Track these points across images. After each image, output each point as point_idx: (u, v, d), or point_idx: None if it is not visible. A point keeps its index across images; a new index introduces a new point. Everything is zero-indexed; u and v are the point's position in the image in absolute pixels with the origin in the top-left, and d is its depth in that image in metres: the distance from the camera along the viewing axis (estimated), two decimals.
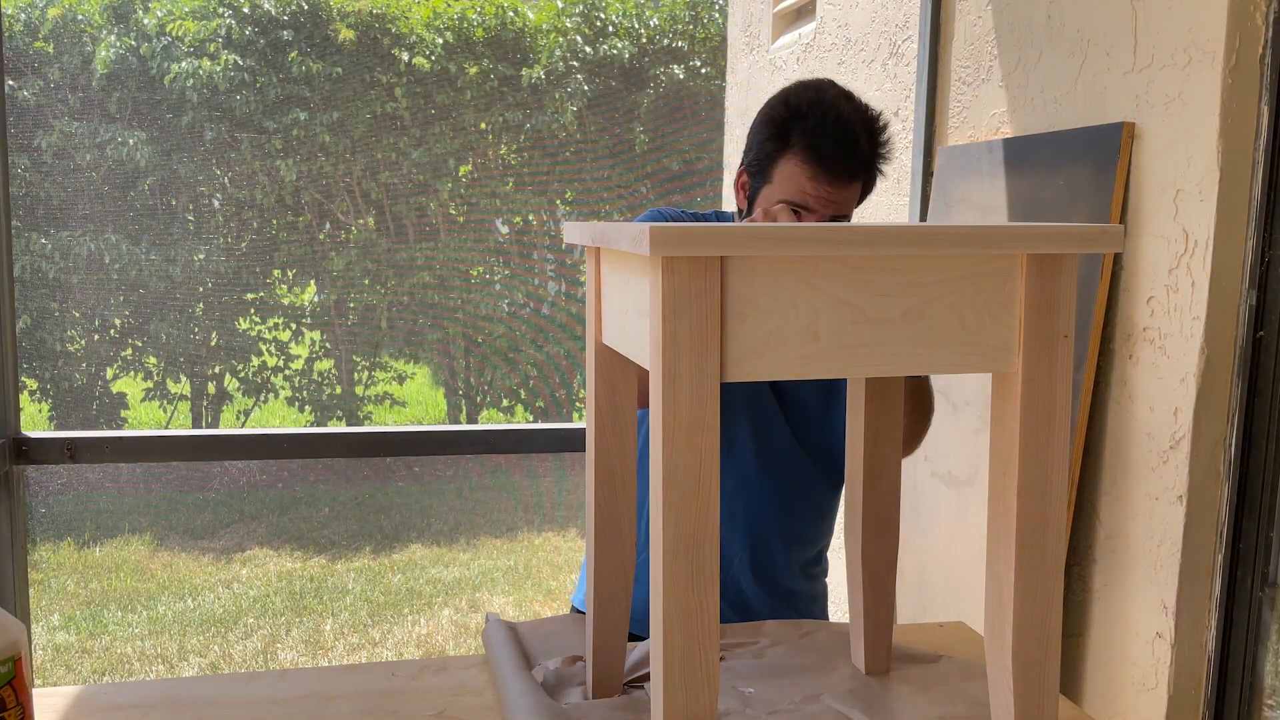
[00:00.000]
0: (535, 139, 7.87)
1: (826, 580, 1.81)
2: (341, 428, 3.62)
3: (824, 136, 1.46)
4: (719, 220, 1.73)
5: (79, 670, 4.96)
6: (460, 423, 8.47)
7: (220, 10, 7.29)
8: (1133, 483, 1.72)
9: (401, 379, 8.49)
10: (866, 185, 1.53)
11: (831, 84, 1.53)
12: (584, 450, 1.17)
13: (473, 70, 7.67)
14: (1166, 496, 1.64)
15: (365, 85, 7.50)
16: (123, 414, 7.85)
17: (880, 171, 1.54)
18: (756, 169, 1.53)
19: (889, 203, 2.79)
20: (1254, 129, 1.55)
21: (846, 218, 1.53)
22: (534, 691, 1.16)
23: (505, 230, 8.29)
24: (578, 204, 8.13)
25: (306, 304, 8.15)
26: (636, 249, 0.86)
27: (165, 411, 8.10)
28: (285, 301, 8.07)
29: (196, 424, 8.05)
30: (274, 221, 7.76)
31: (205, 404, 8.13)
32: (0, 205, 1.92)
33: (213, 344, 7.91)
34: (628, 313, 0.99)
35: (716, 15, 8.10)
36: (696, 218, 1.71)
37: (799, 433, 1.66)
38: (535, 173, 8.02)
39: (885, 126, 1.52)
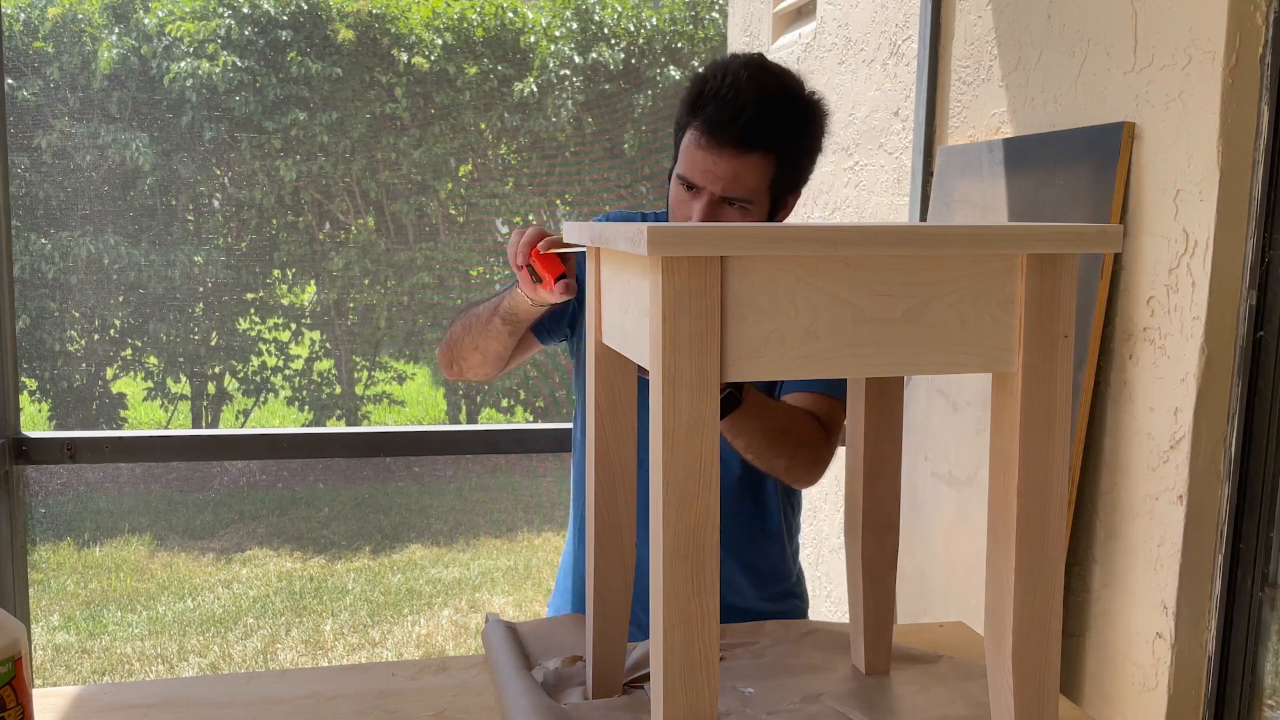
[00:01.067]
0: (534, 140, 7.87)
1: (803, 589, 1.69)
2: (341, 428, 3.62)
3: (715, 103, 1.35)
4: (657, 219, 1.63)
5: (79, 670, 4.96)
6: (460, 423, 8.48)
7: (220, 10, 7.29)
8: (1133, 483, 1.72)
9: (401, 379, 8.49)
10: (770, 164, 1.38)
11: (748, 57, 1.40)
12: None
13: (472, 71, 7.67)
14: (1166, 496, 1.64)
15: (364, 85, 7.50)
16: (122, 414, 7.85)
17: (795, 150, 1.40)
18: (675, 147, 1.44)
19: (889, 203, 2.79)
20: (1254, 129, 1.55)
21: (748, 201, 1.39)
22: (534, 692, 1.16)
23: (505, 230, 8.30)
24: (577, 204, 8.14)
25: (306, 304, 8.16)
26: (635, 249, 0.86)
27: (165, 411, 8.10)
28: (285, 301, 8.07)
29: (196, 424, 8.05)
30: (274, 221, 7.76)
31: (205, 404, 8.13)
32: (0, 205, 1.92)
33: (212, 344, 7.91)
34: (628, 313, 0.99)
35: (716, 15, 8.10)
36: (644, 218, 1.64)
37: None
38: (535, 173, 8.03)
39: (793, 100, 1.39)
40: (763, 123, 1.35)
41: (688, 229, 0.84)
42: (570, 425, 1.77)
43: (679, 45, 8.11)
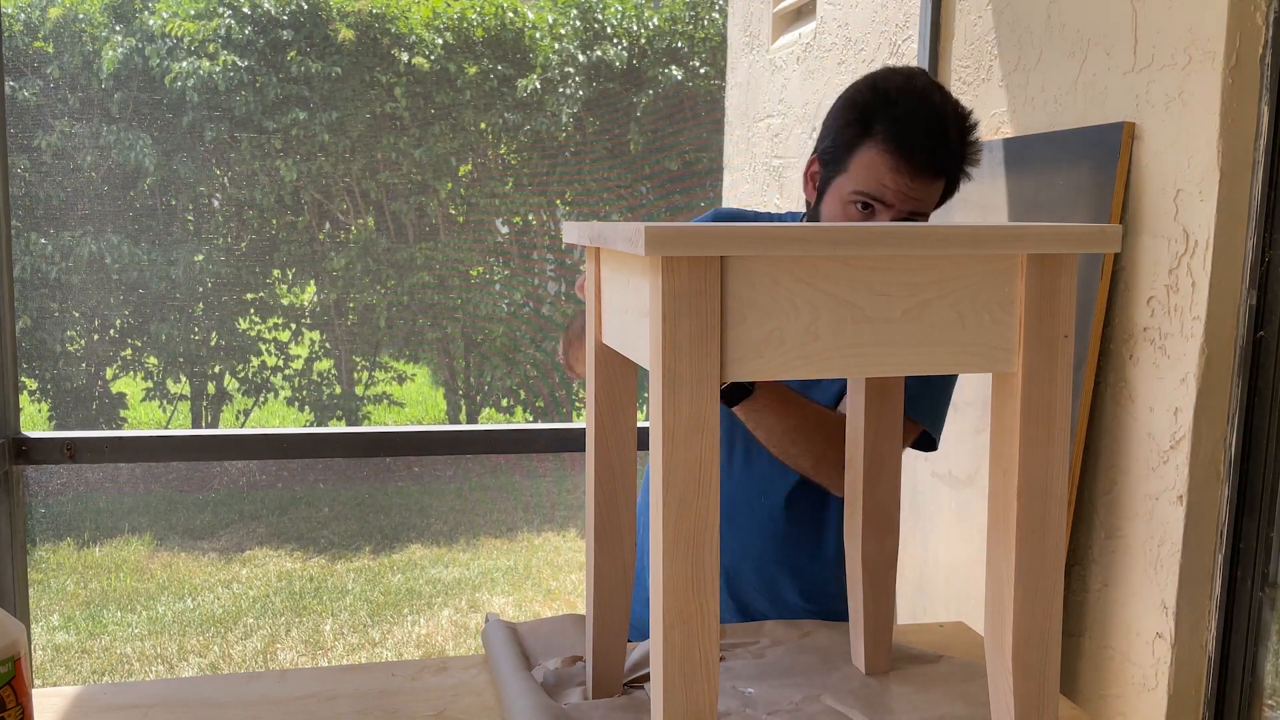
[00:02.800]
0: (535, 139, 7.87)
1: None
2: (341, 428, 3.62)
3: (913, 125, 1.35)
4: (791, 220, 1.61)
5: (79, 670, 4.96)
6: (460, 423, 8.47)
7: (220, 10, 7.29)
8: (1133, 483, 1.72)
9: (401, 379, 8.49)
10: (950, 186, 1.43)
11: (923, 72, 1.43)
12: (584, 450, 1.17)
13: (472, 70, 7.67)
14: (1166, 496, 1.64)
15: (365, 85, 7.50)
16: (122, 414, 7.85)
17: (966, 174, 1.43)
18: (831, 157, 1.41)
19: None
20: (1254, 129, 1.55)
21: (924, 218, 1.42)
22: (534, 692, 1.15)
23: (505, 230, 8.30)
24: (577, 204, 8.14)
25: (306, 304, 8.16)
26: (632, 249, 0.86)
27: (165, 411, 8.10)
28: (285, 301, 8.07)
29: (196, 424, 8.05)
30: (274, 221, 7.76)
31: (205, 404, 8.13)
32: (0, 205, 1.92)
33: (212, 344, 7.91)
34: (628, 313, 0.99)
35: (716, 15, 8.10)
36: (758, 217, 1.61)
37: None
38: (535, 173, 8.02)
39: (975, 125, 1.42)
40: (960, 151, 1.39)
41: (686, 228, 0.84)
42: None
43: (679, 45, 8.11)
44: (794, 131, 3.66)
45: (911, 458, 2.42)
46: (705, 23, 8.16)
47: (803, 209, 1.59)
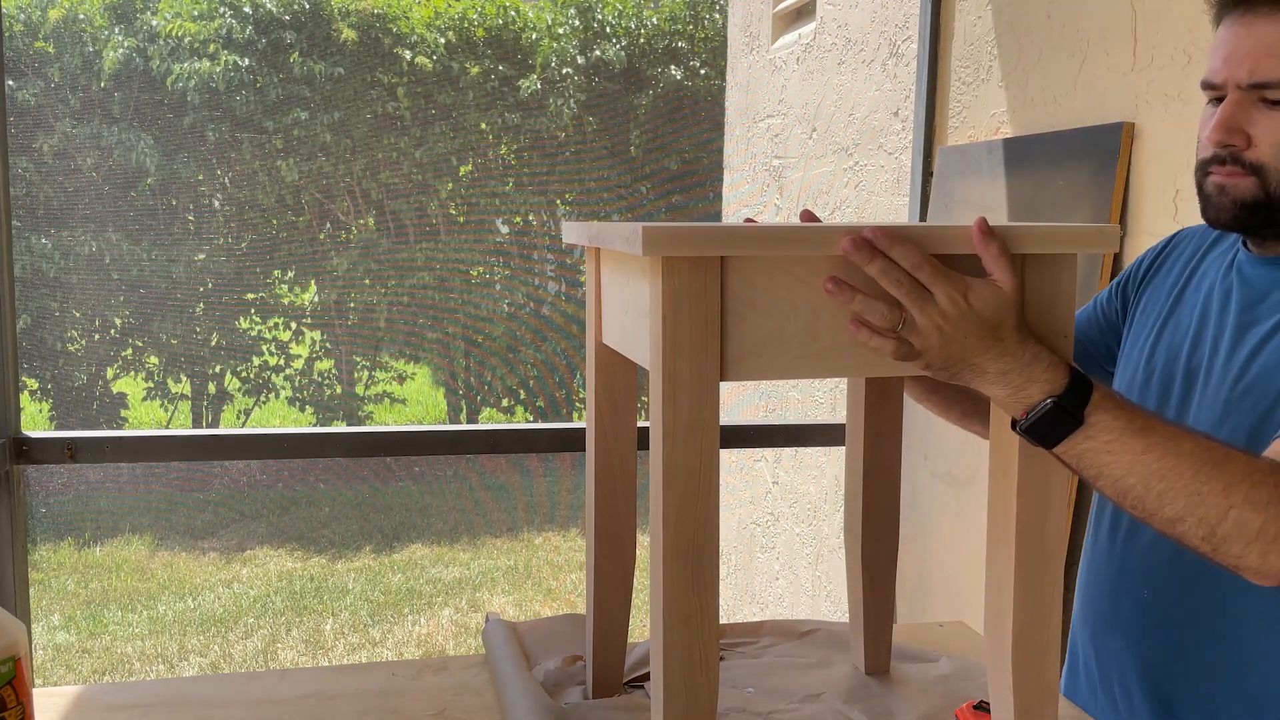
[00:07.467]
0: (535, 139, 7.88)
1: None
2: (342, 428, 3.62)
3: None
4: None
5: (79, 670, 4.96)
6: (460, 423, 8.48)
7: (221, 10, 7.29)
8: None
9: (402, 379, 8.49)
10: None
11: None
12: (584, 450, 1.17)
13: (474, 70, 7.67)
14: None
15: (366, 85, 7.50)
16: (123, 414, 7.85)
17: None
18: None
19: (889, 203, 2.79)
20: None
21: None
22: (534, 691, 1.16)
23: (505, 230, 8.30)
24: (577, 204, 8.14)
25: (307, 304, 8.16)
26: (630, 249, 0.86)
27: (165, 411, 8.10)
28: (285, 301, 8.08)
29: (197, 424, 8.06)
30: (274, 221, 7.77)
31: (205, 404, 8.14)
32: (0, 205, 1.92)
33: (213, 344, 7.92)
34: (628, 313, 0.99)
35: (716, 15, 8.10)
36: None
37: None
38: (535, 173, 8.03)
39: None
40: None
41: (683, 229, 0.84)
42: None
43: (679, 45, 8.11)
44: (794, 132, 3.66)
45: (911, 458, 2.42)
46: (705, 22, 8.16)
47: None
